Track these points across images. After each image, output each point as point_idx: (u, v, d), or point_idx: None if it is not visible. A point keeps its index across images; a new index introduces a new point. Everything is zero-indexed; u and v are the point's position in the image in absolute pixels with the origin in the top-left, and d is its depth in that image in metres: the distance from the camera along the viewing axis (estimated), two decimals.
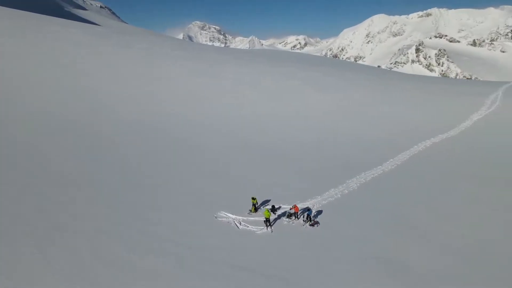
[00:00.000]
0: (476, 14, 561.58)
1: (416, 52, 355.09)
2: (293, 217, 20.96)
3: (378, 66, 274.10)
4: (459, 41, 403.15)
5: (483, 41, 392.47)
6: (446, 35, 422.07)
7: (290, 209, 21.26)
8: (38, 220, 17.96)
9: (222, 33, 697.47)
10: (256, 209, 21.52)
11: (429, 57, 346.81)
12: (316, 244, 18.55)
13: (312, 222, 20.55)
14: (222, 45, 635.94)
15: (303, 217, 20.94)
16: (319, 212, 22.04)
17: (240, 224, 19.99)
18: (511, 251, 18.79)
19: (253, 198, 21.60)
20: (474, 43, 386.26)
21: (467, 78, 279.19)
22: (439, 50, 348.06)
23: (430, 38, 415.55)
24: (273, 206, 21.92)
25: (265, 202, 22.90)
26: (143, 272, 15.22)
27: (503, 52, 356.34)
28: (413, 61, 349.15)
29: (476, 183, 27.97)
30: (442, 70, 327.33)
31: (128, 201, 21.18)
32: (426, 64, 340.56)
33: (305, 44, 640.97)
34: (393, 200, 24.59)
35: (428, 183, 27.84)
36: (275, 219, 20.85)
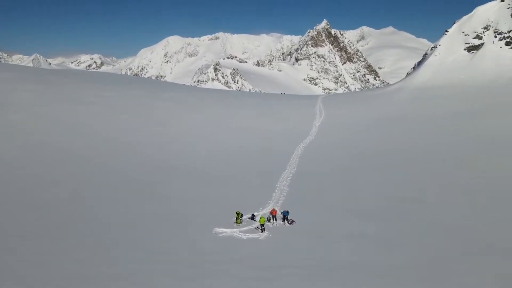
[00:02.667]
0: (253, 39, 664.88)
1: (214, 71, 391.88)
2: (273, 220, 23.90)
3: (183, 84, 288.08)
4: (246, 62, 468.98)
5: (264, 62, 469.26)
6: (236, 56, 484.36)
7: (270, 213, 24.13)
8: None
9: None
10: (241, 221, 23.33)
11: (226, 75, 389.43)
12: (313, 235, 22.24)
13: (290, 221, 24.01)
14: None
15: (282, 218, 24.12)
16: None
17: (241, 234, 21.56)
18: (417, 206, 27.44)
19: (237, 213, 23.37)
20: (258, 64, 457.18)
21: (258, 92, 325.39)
22: (233, 69, 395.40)
23: (224, 58, 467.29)
24: (252, 215, 24.22)
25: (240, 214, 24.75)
26: None
27: (280, 71, 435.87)
28: (213, 79, 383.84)
29: (361, 169, 37.43)
30: (238, 87, 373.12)
31: (125, 241, 19.38)
32: (225, 82, 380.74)
33: (102, 64, 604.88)
34: (324, 192, 30.75)
35: (330, 175, 35.56)
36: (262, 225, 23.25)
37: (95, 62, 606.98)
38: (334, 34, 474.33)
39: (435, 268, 18.06)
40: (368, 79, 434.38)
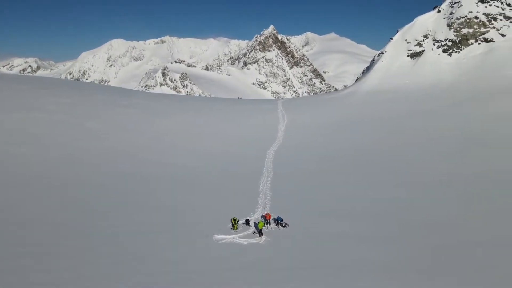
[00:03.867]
0: (201, 44, 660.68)
1: (163, 76, 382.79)
2: (267, 224, 24.52)
3: (143, 90, 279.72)
4: (195, 66, 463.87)
5: (212, 66, 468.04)
6: (184, 61, 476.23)
7: (265, 217, 24.69)
8: None
9: None
10: (237, 227, 23.68)
11: (175, 80, 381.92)
12: (307, 237, 23.21)
13: (284, 224, 24.78)
14: None
15: (275, 222, 24.83)
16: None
17: (241, 240, 21.93)
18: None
19: (233, 219, 23.69)
20: (207, 68, 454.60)
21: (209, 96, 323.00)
22: (182, 73, 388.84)
23: (172, 63, 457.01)
24: (247, 220, 24.68)
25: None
26: None
27: (229, 75, 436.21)
28: (161, 84, 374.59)
29: (332, 170, 39.22)
30: (188, 91, 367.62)
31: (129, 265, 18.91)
32: (173, 87, 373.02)
33: (38, 68, 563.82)
34: (304, 193, 32.00)
35: (305, 177, 37.03)
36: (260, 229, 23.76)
37: (30, 66, 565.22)
38: (281, 39, 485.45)
39: (427, 261, 19.80)
40: (314, 83, 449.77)
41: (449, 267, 18.87)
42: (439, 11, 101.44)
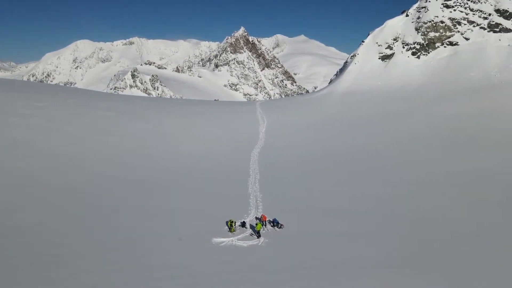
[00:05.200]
0: (170, 45, 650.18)
1: (132, 78, 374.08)
2: (263, 226, 24.78)
3: (105, 92, 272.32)
4: (165, 68, 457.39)
5: (183, 68, 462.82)
6: (154, 62, 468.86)
7: (261, 219, 24.97)
8: None
9: None
10: (234, 229, 23.79)
11: (145, 82, 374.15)
12: (302, 236, 23.69)
13: (280, 225, 25.13)
14: None
15: (271, 224, 25.13)
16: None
17: (241, 242, 22.08)
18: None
19: (231, 221, 23.79)
20: (178, 70, 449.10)
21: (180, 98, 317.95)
22: (152, 75, 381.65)
23: (141, 64, 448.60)
24: (243, 222, 24.83)
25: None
26: None
27: (200, 77, 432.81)
28: (131, 86, 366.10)
29: (315, 171, 40.01)
30: (158, 93, 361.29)
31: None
32: (144, 89, 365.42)
33: None
34: (292, 193, 32.55)
35: (291, 178, 37.65)
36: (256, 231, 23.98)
37: None
38: (252, 41, 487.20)
39: (422, 256, 20.75)
40: (286, 85, 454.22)
41: (442, 261, 19.87)
42: (407, 15, 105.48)
